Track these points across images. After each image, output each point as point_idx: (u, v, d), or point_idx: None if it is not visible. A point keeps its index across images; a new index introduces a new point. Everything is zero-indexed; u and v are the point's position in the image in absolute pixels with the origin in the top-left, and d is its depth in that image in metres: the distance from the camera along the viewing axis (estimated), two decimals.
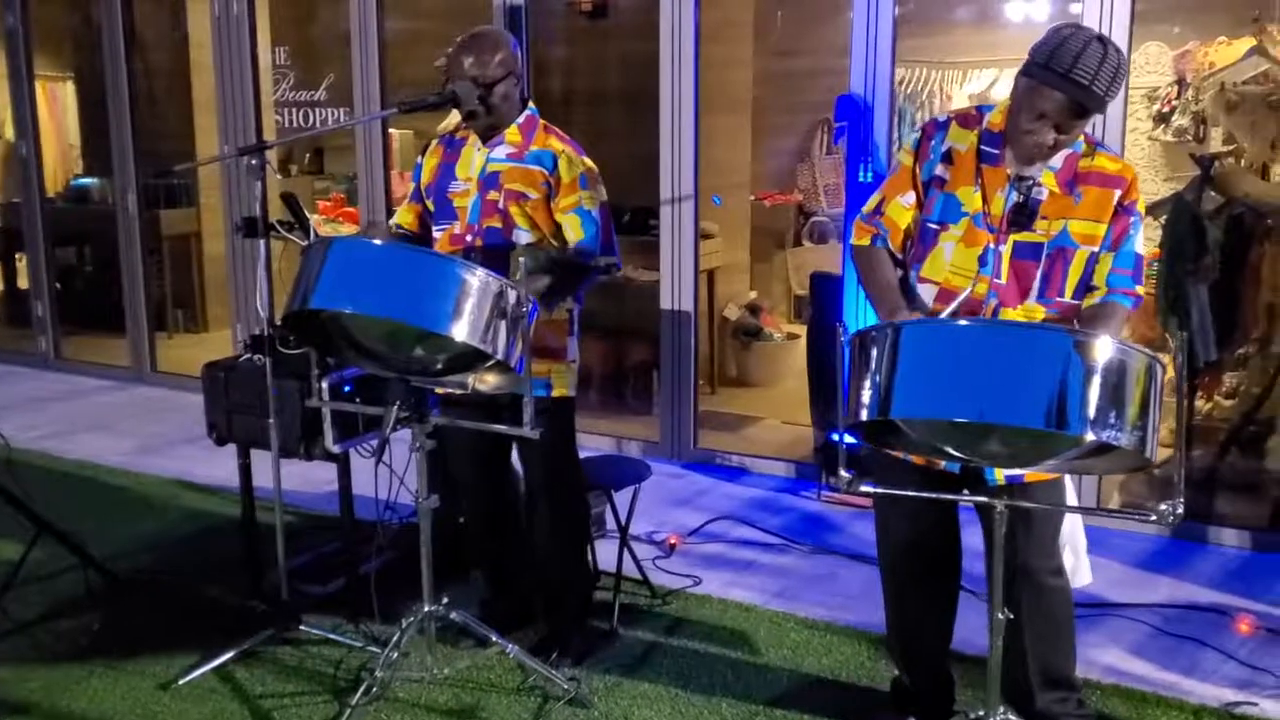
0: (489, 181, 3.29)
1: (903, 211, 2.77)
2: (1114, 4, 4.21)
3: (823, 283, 5.30)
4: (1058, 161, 2.61)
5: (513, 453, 3.57)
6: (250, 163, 3.27)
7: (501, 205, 3.27)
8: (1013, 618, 2.55)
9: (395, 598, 3.58)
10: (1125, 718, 3.16)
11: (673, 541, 4.35)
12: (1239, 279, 4.69)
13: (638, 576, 3.91)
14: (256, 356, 3.57)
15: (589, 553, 3.65)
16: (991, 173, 2.65)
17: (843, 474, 2.44)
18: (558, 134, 3.36)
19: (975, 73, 6.77)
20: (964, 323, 2.47)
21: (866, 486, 2.53)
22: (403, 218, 3.54)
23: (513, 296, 2.80)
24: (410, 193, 3.53)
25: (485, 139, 3.32)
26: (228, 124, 6.48)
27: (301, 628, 3.54)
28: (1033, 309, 2.65)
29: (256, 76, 6.43)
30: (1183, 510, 2.24)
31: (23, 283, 7.62)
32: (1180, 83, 5.32)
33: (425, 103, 3.32)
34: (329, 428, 3.25)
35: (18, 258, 7.90)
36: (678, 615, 3.78)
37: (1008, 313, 2.65)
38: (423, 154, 3.50)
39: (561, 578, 3.55)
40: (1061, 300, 2.65)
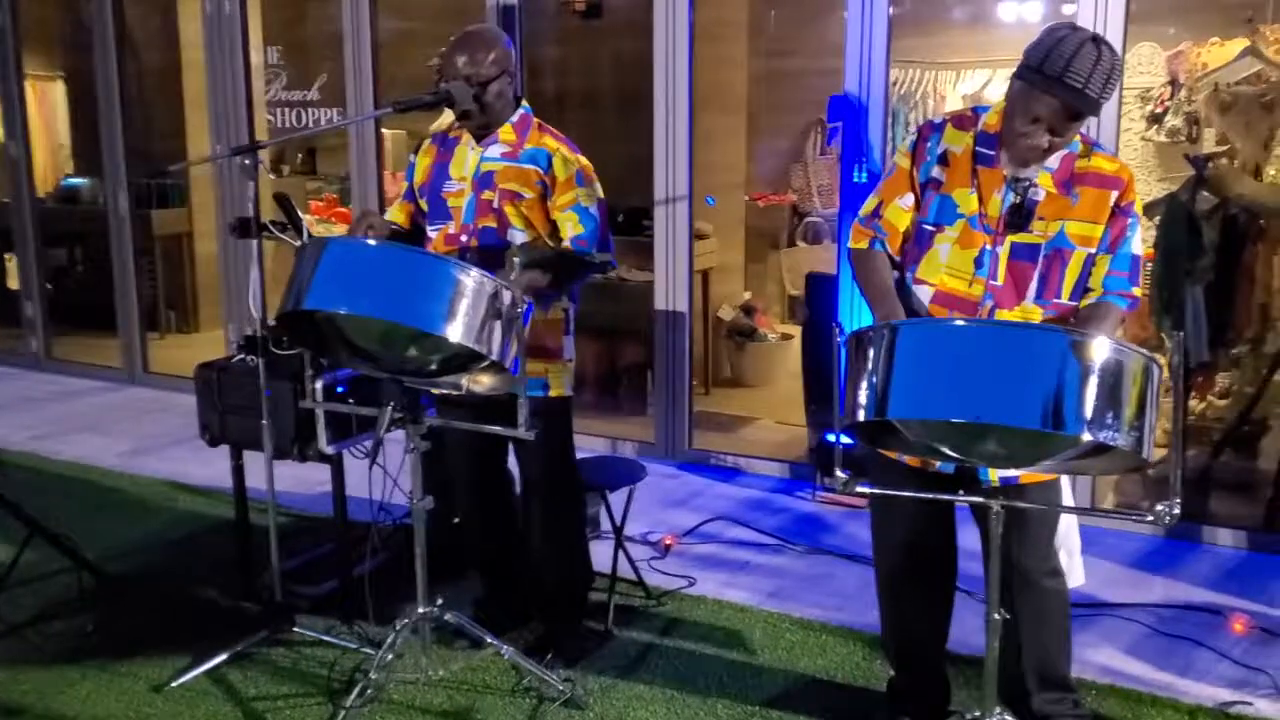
0: (483, 181, 3.28)
1: (901, 214, 2.76)
2: (1109, 4, 4.22)
3: (818, 282, 5.31)
4: (1054, 162, 2.60)
5: (509, 453, 3.56)
6: (243, 163, 3.25)
7: (496, 205, 3.26)
8: (1009, 618, 2.55)
9: (389, 599, 3.57)
10: (1121, 718, 3.16)
11: (668, 542, 4.35)
12: (1232, 279, 4.70)
13: (633, 577, 3.90)
14: (250, 357, 3.56)
15: (585, 553, 3.64)
16: (988, 174, 2.64)
17: (839, 474, 2.43)
18: (552, 132, 3.34)
19: (969, 73, 6.78)
20: (961, 322, 2.46)
21: (862, 487, 2.53)
22: (394, 216, 3.52)
23: (507, 297, 2.78)
24: (403, 192, 3.52)
25: (479, 138, 3.31)
26: (219, 124, 6.45)
27: (295, 629, 3.53)
28: (1030, 310, 2.65)
29: (248, 76, 6.41)
30: (1179, 511, 2.24)
31: (13, 283, 7.58)
32: (1173, 83, 5.32)
33: (420, 102, 3.31)
34: (322, 429, 3.25)
35: (7, 258, 7.86)
36: (673, 616, 3.78)
37: (1004, 314, 2.64)
38: (415, 153, 3.48)
39: (557, 578, 3.54)
40: (1059, 302, 2.65)
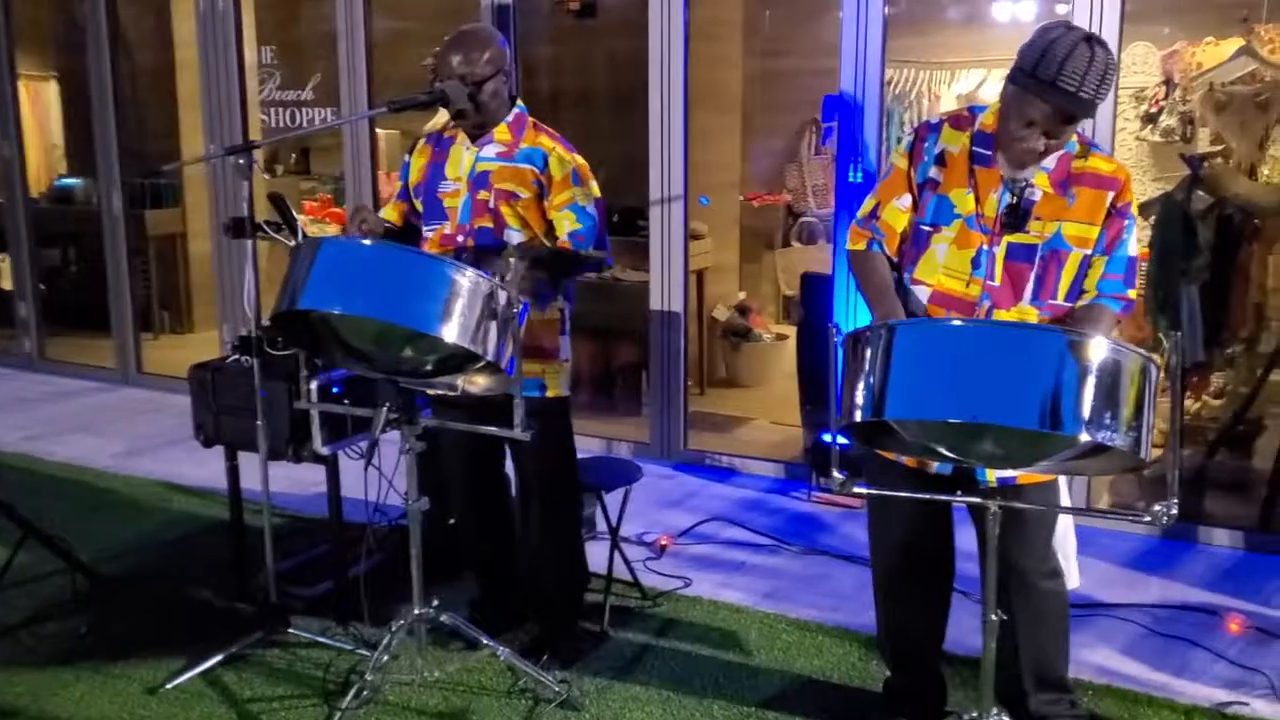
0: (479, 181, 3.26)
1: (899, 215, 2.75)
2: (1104, 4, 4.21)
3: (813, 283, 5.30)
4: (1051, 162, 2.59)
5: (505, 453, 3.55)
6: (238, 162, 3.24)
7: (492, 205, 3.25)
8: (1006, 619, 2.55)
9: (385, 600, 3.56)
10: (1117, 718, 3.15)
11: (663, 543, 4.34)
12: (1227, 279, 4.70)
13: (628, 578, 3.89)
14: (244, 358, 3.54)
15: (582, 554, 3.63)
16: (984, 174, 2.63)
17: (835, 475, 2.43)
18: (547, 132, 3.33)
19: (963, 73, 6.77)
20: (958, 323, 2.46)
21: (859, 487, 2.52)
22: (388, 216, 3.51)
23: (503, 297, 2.78)
24: (397, 192, 3.51)
25: (474, 138, 3.29)
26: (213, 123, 6.44)
27: (290, 630, 3.52)
28: (1026, 311, 2.64)
29: (242, 76, 6.39)
30: (1177, 511, 2.23)
31: (6, 284, 7.57)
32: (1168, 83, 5.33)
33: (414, 101, 3.30)
34: (317, 429, 3.23)
35: (0, 258, 7.85)
36: (669, 617, 3.77)
37: (1002, 314, 2.63)
38: (410, 153, 3.47)
39: (556, 579, 3.54)
40: (1054, 303, 2.64)
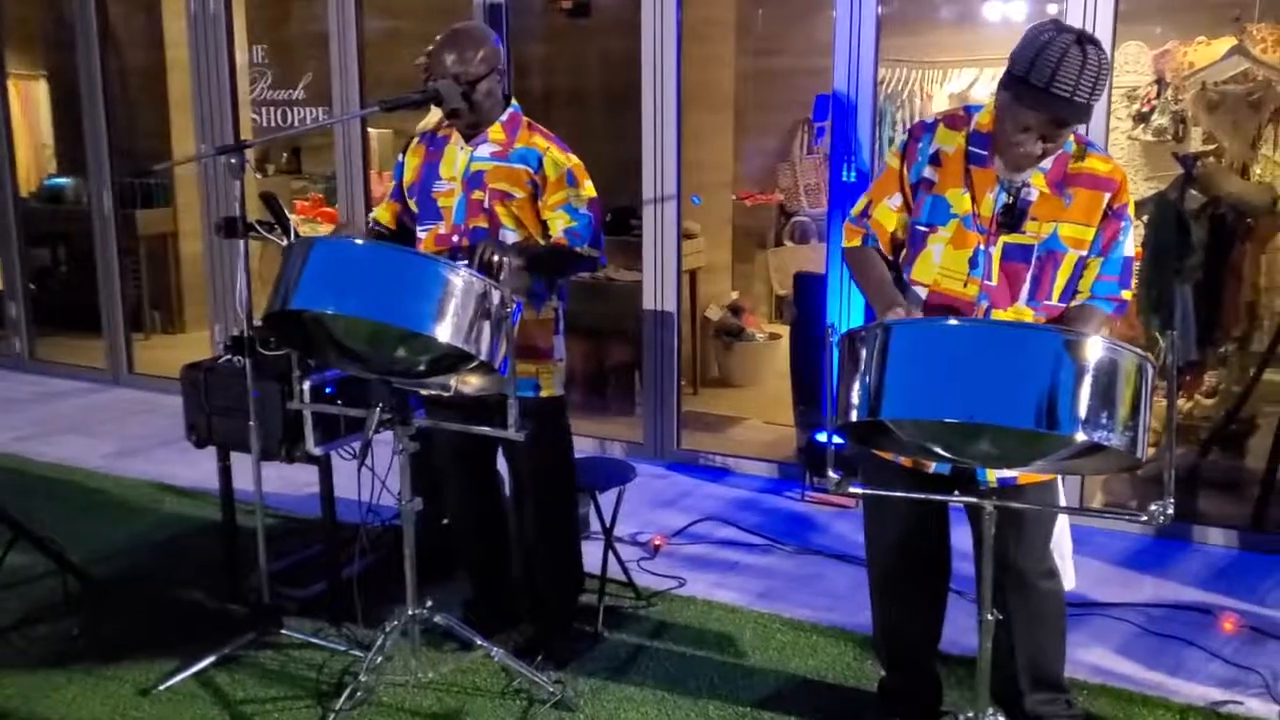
0: (473, 181, 3.25)
1: (889, 214, 2.75)
2: (1098, 4, 4.21)
3: (807, 282, 5.30)
4: (1047, 163, 2.58)
5: (498, 452, 3.54)
6: (229, 162, 3.23)
7: (487, 205, 3.24)
8: (1002, 619, 2.54)
9: (378, 601, 3.56)
10: (1112, 717, 3.15)
11: (657, 543, 4.33)
12: (1220, 278, 4.71)
13: (622, 578, 3.88)
14: (237, 358, 3.53)
15: (578, 555, 3.62)
16: (980, 174, 2.63)
17: (831, 474, 2.42)
18: (541, 131, 3.32)
19: (955, 72, 6.78)
20: (954, 322, 2.45)
21: (855, 487, 2.52)
22: (381, 215, 3.50)
23: (497, 297, 2.77)
24: (390, 191, 3.49)
25: (468, 137, 3.28)
26: (204, 123, 6.41)
27: (283, 632, 3.50)
28: (1022, 311, 2.64)
29: (233, 75, 6.37)
30: (1173, 510, 2.23)
31: None
32: (1160, 82, 5.33)
33: (407, 100, 3.28)
34: (310, 430, 3.23)
35: None
36: (663, 617, 3.76)
37: (999, 314, 2.63)
38: (404, 152, 3.45)
39: (551, 579, 3.53)
40: (1049, 304, 2.64)
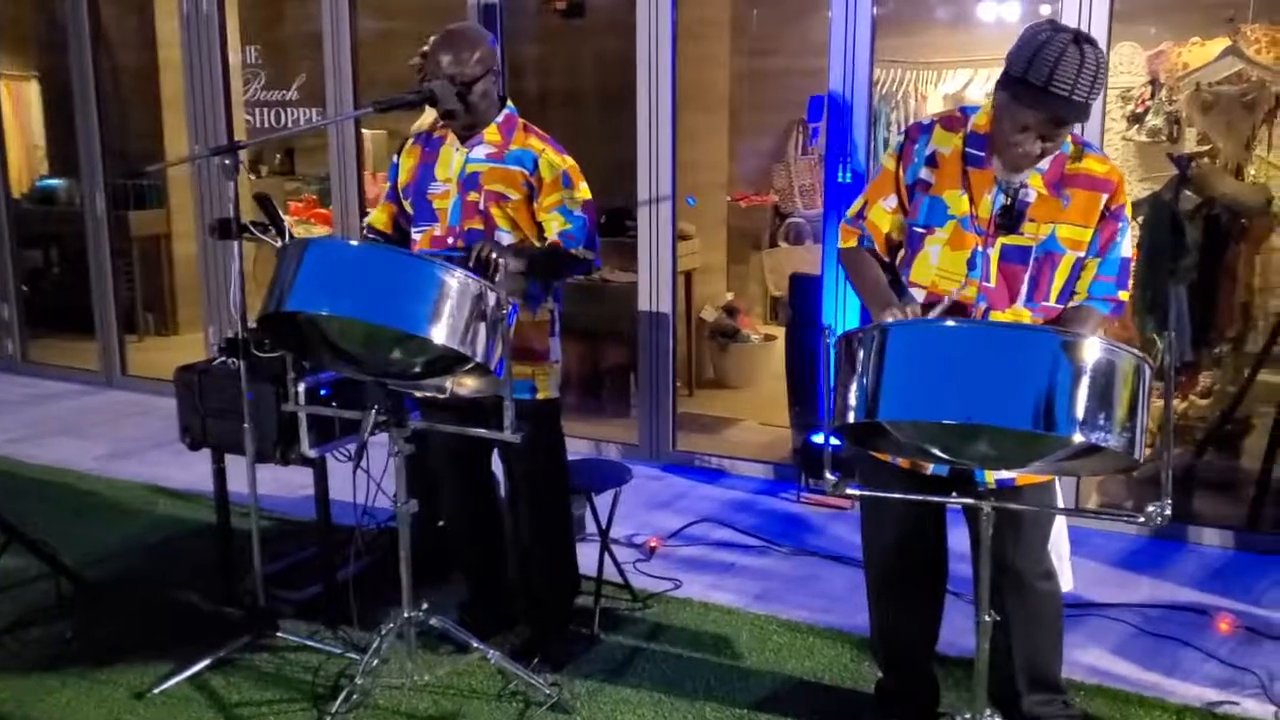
0: (468, 182, 3.24)
1: (884, 215, 2.75)
2: (1093, 5, 4.21)
3: (802, 283, 5.29)
4: (1044, 164, 2.57)
5: (493, 454, 3.53)
6: (223, 163, 3.21)
7: (482, 206, 3.23)
8: (999, 620, 2.54)
9: (374, 603, 3.55)
10: (1108, 718, 3.15)
11: (653, 544, 4.33)
12: (1215, 278, 4.72)
13: (618, 580, 3.88)
14: (231, 360, 3.52)
15: (574, 556, 3.61)
16: (978, 175, 2.62)
17: (828, 476, 2.42)
18: (537, 133, 3.31)
19: (950, 73, 6.78)
20: (951, 324, 2.44)
21: (852, 489, 2.51)
22: (376, 218, 3.49)
23: (492, 298, 2.76)
24: (385, 192, 3.48)
25: (464, 139, 3.27)
26: (197, 124, 6.39)
27: (279, 634, 3.50)
28: (1020, 313, 2.63)
29: (226, 76, 6.35)
30: (1170, 511, 2.23)
31: None
32: (1154, 83, 5.33)
33: (401, 101, 3.27)
34: (305, 432, 3.22)
35: None
36: (659, 619, 3.76)
37: (998, 316, 2.62)
38: (399, 153, 3.44)
39: (547, 581, 3.52)
40: (1046, 305, 2.64)
